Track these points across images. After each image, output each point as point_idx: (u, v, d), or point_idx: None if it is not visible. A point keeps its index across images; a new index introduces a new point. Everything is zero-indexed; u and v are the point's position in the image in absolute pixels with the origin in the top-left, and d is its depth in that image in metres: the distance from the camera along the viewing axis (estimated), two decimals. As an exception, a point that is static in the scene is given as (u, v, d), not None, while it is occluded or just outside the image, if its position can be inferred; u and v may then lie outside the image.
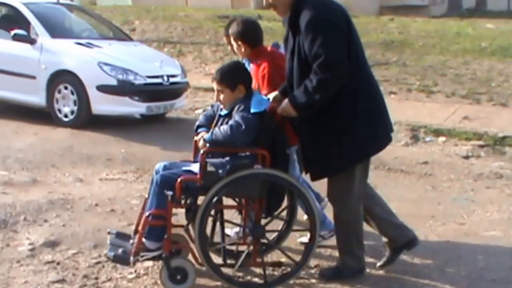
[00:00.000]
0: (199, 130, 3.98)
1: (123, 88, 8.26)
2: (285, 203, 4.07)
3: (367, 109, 3.78)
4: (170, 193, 3.68)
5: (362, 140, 3.78)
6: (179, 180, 3.69)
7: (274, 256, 4.30)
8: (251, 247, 3.91)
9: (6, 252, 4.36)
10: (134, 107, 8.48)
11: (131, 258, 3.71)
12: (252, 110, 3.75)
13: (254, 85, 4.20)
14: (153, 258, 3.88)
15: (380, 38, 15.34)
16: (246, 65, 4.47)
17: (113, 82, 8.25)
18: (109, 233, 4.17)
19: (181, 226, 4.01)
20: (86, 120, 8.39)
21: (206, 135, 3.80)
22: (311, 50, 3.59)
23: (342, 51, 3.61)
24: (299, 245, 4.49)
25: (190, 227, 4.00)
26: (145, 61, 8.89)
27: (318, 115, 3.74)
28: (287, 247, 4.31)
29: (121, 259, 3.80)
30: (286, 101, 3.76)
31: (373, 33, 16.01)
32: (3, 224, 4.82)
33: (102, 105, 8.32)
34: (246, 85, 3.90)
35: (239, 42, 4.37)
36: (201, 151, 3.77)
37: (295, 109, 3.72)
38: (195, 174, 3.77)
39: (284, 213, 4.23)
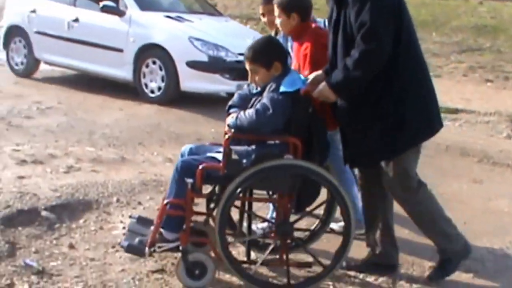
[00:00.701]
0: (231, 110, 3.69)
1: (214, 65, 8.07)
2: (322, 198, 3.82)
3: (418, 91, 3.57)
4: (190, 181, 3.46)
5: (414, 124, 3.54)
6: (200, 167, 3.45)
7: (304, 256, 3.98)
8: (277, 244, 3.70)
9: (100, 235, 4.32)
10: (224, 85, 8.29)
11: (146, 249, 3.52)
12: (281, 89, 3.45)
13: (294, 65, 4.02)
14: (171, 250, 3.67)
15: (471, 22, 14.85)
16: (282, 42, 4.17)
17: (204, 58, 8.07)
18: (130, 217, 4.01)
19: (203, 213, 3.83)
20: (173, 96, 8.26)
21: (231, 120, 3.54)
22: (356, 19, 3.39)
23: (389, 23, 3.40)
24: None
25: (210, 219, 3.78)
26: (236, 38, 8.71)
27: (362, 99, 3.51)
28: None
29: (136, 250, 3.62)
30: (323, 83, 3.53)
31: (463, 16, 15.54)
32: (96, 204, 4.80)
33: (191, 81, 8.15)
34: (282, 62, 3.61)
35: (288, 14, 3.97)
36: (225, 137, 3.51)
37: (334, 91, 3.50)
38: (219, 161, 3.52)
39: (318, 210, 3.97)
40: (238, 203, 3.79)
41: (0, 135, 6.62)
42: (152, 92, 8.52)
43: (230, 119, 3.56)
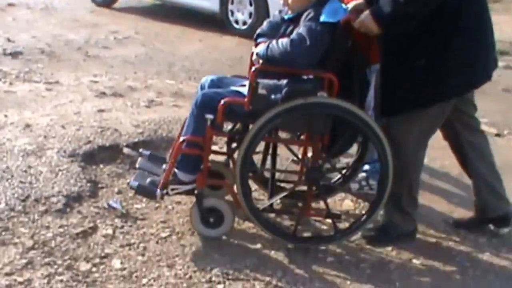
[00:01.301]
0: (259, 40, 3.32)
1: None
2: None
3: (469, 36, 3.11)
4: (210, 116, 3.14)
5: (454, 73, 3.12)
6: (222, 102, 3.11)
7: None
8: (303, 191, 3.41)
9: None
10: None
11: (158, 191, 3.23)
12: (322, 19, 3.06)
13: None
14: (186, 193, 3.38)
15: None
16: None
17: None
18: (140, 154, 3.69)
19: (223, 153, 3.49)
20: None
21: (260, 49, 3.18)
22: None
23: None
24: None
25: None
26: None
27: (405, 36, 3.09)
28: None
29: (146, 191, 3.32)
30: (366, 12, 3.09)
31: None
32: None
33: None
34: None
35: None
36: (253, 68, 3.13)
37: (377, 23, 3.05)
38: (244, 96, 3.16)
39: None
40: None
41: (77, 65, 6.45)
42: (237, 23, 8.19)
43: (259, 48, 3.20)
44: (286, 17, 3.30)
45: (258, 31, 3.39)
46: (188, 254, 3.27)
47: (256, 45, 3.30)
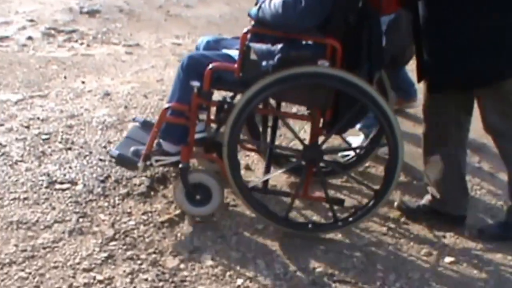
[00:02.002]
0: None
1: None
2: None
3: None
4: (196, 83, 2.82)
5: None
6: (209, 67, 2.77)
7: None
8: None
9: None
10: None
11: (140, 162, 2.94)
12: None
13: None
14: (171, 165, 3.11)
15: None
16: None
17: None
18: (134, 120, 3.43)
19: (214, 121, 3.08)
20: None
21: (252, 10, 2.81)
22: None
23: None
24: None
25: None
26: None
27: None
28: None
29: (127, 162, 3.05)
30: None
31: None
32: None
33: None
34: None
35: None
36: (244, 30, 2.74)
37: None
38: (235, 61, 2.80)
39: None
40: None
41: (158, 25, 6.11)
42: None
43: (253, 9, 2.82)
44: None
45: None
46: (288, 249, 2.93)
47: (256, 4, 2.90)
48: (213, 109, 3.05)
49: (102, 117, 3.92)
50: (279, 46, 2.71)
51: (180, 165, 2.94)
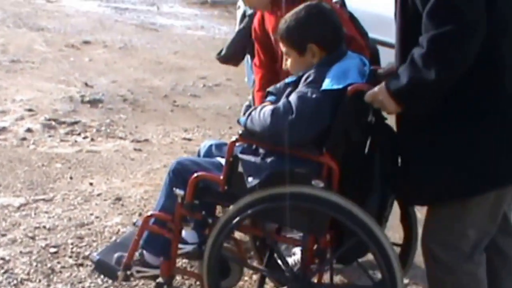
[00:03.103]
0: (268, 99, 2.69)
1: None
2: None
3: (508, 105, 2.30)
4: (180, 192, 2.63)
5: (494, 156, 2.32)
6: (194, 175, 2.59)
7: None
8: None
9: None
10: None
11: (120, 271, 2.77)
12: (324, 87, 2.40)
13: None
14: (153, 278, 2.89)
15: None
16: None
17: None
18: (134, 224, 3.36)
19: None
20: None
21: (243, 117, 2.58)
22: None
23: None
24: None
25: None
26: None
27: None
28: None
29: (106, 269, 2.88)
30: (382, 84, 2.36)
31: None
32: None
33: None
34: (324, 44, 2.54)
35: None
36: (232, 138, 2.57)
37: (393, 98, 2.30)
38: None
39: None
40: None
41: (165, 117, 5.95)
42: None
43: (242, 117, 2.61)
44: (287, 80, 2.65)
45: (271, 87, 2.75)
46: None
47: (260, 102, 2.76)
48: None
49: (116, 226, 3.68)
50: (269, 160, 2.48)
51: (157, 280, 2.78)
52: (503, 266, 2.64)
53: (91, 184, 4.25)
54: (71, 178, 4.33)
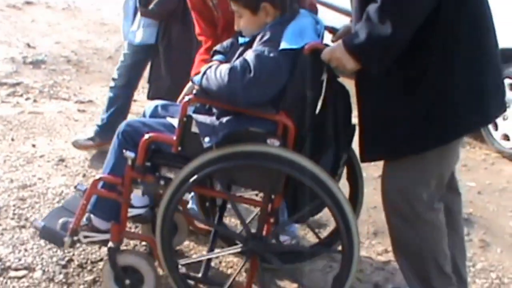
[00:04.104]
0: (214, 58, 2.69)
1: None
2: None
3: (469, 62, 2.39)
4: (131, 155, 2.58)
5: (456, 109, 2.41)
6: (145, 137, 2.56)
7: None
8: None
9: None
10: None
11: (66, 237, 2.73)
12: (282, 46, 2.39)
13: None
14: (101, 243, 2.87)
15: None
16: None
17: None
18: (75, 188, 3.23)
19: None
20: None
21: (196, 76, 2.53)
22: None
23: None
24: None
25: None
26: None
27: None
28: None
29: (52, 235, 2.82)
30: (339, 41, 2.38)
31: None
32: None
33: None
34: (277, 2, 2.52)
35: None
36: (185, 98, 2.52)
37: (351, 55, 2.33)
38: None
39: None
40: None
41: (109, 78, 5.68)
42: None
43: (197, 76, 2.55)
44: (241, 40, 2.63)
45: (217, 46, 2.76)
46: None
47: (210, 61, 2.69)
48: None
49: (59, 187, 3.66)
50: (225, 119, 2.46)
51: (109, 245, 2.71)
52: (447, 221, 2.71)
53: (33, 145, 4.21)
54: (12, 139, 4.28)
